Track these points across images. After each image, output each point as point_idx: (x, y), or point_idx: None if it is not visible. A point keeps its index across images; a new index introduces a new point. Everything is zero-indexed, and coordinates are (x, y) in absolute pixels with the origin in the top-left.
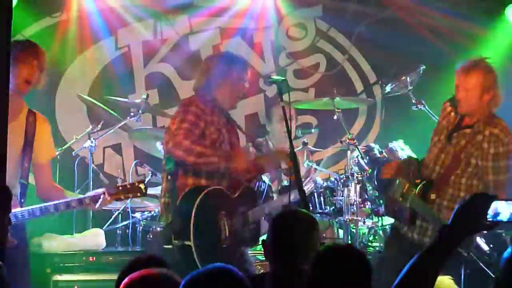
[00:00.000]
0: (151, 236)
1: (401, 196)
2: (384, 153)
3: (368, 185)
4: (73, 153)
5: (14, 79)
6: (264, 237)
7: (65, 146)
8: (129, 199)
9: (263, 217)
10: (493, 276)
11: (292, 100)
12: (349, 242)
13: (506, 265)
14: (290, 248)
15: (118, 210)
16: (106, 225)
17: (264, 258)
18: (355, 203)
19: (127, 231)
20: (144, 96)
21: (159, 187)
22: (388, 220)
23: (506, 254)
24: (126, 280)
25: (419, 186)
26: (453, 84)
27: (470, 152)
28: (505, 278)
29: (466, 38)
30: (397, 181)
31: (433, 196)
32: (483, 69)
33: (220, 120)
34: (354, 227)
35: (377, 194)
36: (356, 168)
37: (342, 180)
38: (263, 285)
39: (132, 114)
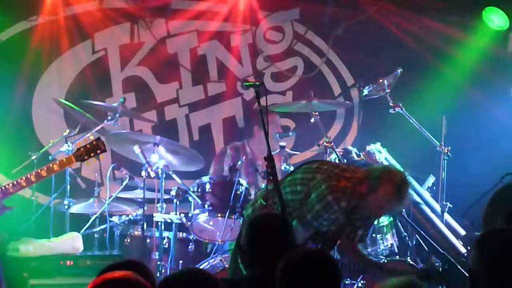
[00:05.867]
0: (128, 240)
1: None
2: (361, 156)
3: None
4: (50, 157)
5: None
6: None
7: (42, 150)
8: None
9: None
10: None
11: (270, 103)
12: None
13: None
14: (267, 252)
15: (96, 214)
16: (84, 229)
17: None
18: None
19: (105, 235)
20: (121, 100)
21: (136, 191)
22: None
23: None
24: (89, 284)
25: None
26: (430, 86)
27: None
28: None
29: (443, 41)
30: None
31: None
32: None
33: None
34: None
35: None
36: None
37: None
38: None
39: (109, 117)
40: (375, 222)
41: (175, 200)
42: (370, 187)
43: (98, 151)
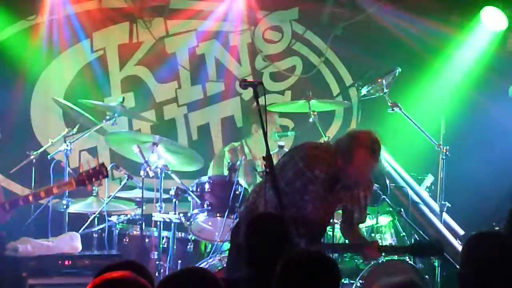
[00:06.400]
0: (127, 240)
1: None
2: None
3: None
4: (48, 156)
5: None
6: None
7: (41, 150)
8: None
9: None
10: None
11: (269, 103)
12: None
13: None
14: (265, 252)
15: (94, 213)
16: (82, 228)
17: None
18: None
19: (103, 234)
20: (120, 99)
21: (135, 191)
22: (365, 223)
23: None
24: (89, 285)
25: None
26: (429, 86)
27: None
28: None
29: (442, 41)
30: None
31: None
32: None
33: None
34: (331, 230)
35: None
36: None
37: None
38: None
39: (108, 117)
40: (374, 223)
41: (174, 200)
42: (344, 158)
43: (100, 177)
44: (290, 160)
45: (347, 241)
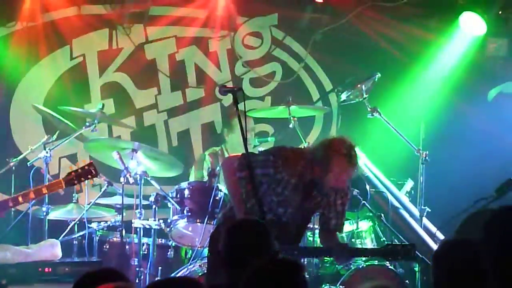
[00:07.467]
0: (107, 247)
1: None
2: None
3: None
4: (28, 163)
5: None
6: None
7: (20, 157)
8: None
9: None
10: None
11: (248, 108)
12: None
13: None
14: (246, 257)
15: (74, 220)
16: (62, 235)
17: None
18: None
19: (83, 241)
20: (100, 106)
21: (115, 197)
22: (345, 229)
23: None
24: None
25: None
26: (409, 91)
27: None
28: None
29: (421, 46)
30: None
31: None
32: None
33: None
34: (311, 235)
35: None
36: None
37: None
38: None
39: (87, 124)
40: (354, 228)
41: (153, 206)
42: (322, 168)
43: (89, 176)
44: (262, 156)
45: None
